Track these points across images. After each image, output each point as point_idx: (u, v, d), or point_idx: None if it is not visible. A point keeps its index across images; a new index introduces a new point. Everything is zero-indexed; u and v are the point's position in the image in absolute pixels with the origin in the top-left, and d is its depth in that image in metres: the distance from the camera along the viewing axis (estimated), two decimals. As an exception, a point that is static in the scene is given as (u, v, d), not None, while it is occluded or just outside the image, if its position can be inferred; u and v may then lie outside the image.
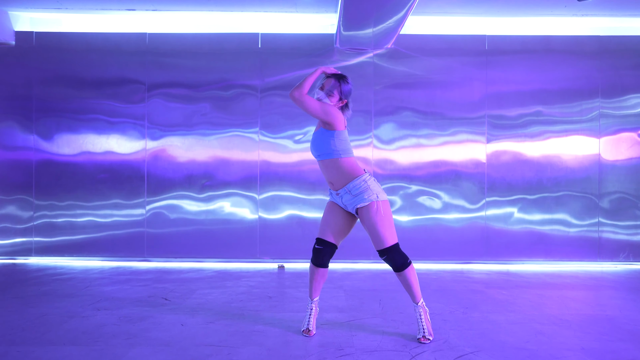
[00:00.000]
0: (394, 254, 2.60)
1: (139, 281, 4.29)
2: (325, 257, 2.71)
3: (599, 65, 5.19)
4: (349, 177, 2.62)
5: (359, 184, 2.60)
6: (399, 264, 2.61)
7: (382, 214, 2.58)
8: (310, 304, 2.84)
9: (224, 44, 5.21)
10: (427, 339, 2.65)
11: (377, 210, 2.58)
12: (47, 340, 2.66)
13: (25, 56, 5.19)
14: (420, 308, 2.70)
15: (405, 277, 2.63)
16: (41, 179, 5.21)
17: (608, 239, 5.19)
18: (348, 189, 2.62)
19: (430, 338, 2.66)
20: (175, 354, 2.46)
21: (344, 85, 2.67)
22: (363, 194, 2.59)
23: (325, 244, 2.71)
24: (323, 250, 2.70)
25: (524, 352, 2.53)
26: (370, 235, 2.62)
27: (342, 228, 2.73)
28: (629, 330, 2.93)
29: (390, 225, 2.61)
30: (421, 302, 2.71)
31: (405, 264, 2.62)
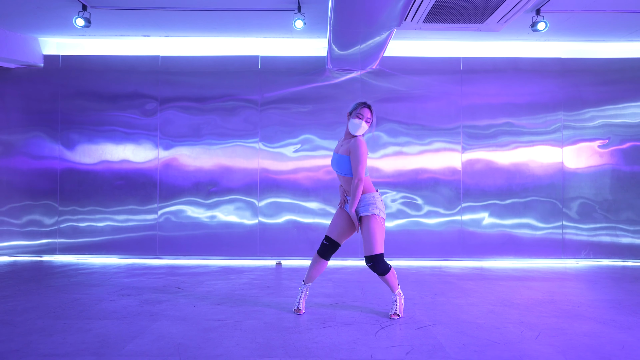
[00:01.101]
0: (378, 262, 3.14)
1: (153, 274, 4.88)
2: (329, 251, 3.30)
3: (561, 83, 5.82)
4: (364, 191, 3.21)
5: (369, 198, 3.19)
6: (380, 271, 3.20)
7: (377, 227, 3.14)
8: (303, 287, 3.44)
9: (228, 65, 5.86)
10: (397, 315, 3.25)
11: (375, 224, 3.14)
12: (84, 316, 3.26)
13: (52, 76, 5.84)
14: (397, 295, 3.34)
15: (386, 279, 3.26)
16: (65, 186, 5.83)
17: (571, 239, 5.79)
18: (359, 202, 3.20)
19: (400, 315, 3.27)
20: (191, 326, 3.06)
21: (374, 112, 3.21)
22: (369, 206, 3.16)
23: (330, 241, 3.29)
24: (328, 246, 3.29)
25: (473, 324, 3.12)
26: (364, 240, 3.16)
27: (346, 231, 3.30)
28: (566, 310, 3.53)
29: (381, 238, 3.15)
30: (397, 291, 3.34)
31: (386, 271, 3.21)
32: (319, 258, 3.34)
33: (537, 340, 2.81)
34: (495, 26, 4.10)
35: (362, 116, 3.14)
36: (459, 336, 2.87)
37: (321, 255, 3.32)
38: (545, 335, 2.91)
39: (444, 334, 2.92)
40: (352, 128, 3.17)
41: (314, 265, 3.36)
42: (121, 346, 2.65)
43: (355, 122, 3.15)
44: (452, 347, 2.68)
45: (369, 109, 3.18)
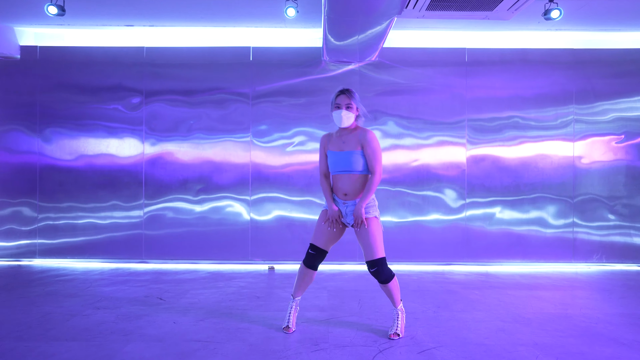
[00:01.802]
0: (383, 267, 2.86)
1: (136, 282, 4.57)
2: (317, 261, 3.00)
3: (572, 75, 5.45)
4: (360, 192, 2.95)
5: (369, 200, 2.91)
6: (383, 278, 2.89)
7: (378, 230, 2.91)
8: (292, 302, 3.12)
9: (218, 57, 5.49)
10: (397, 335, 2.93)
11: (377, 225, 2.91)
12: (51, 336, 2.95)
13: (30, 68, 5.48)
14: (399, 311, 3.03)
15: (389, 288, 2.94)
16: (45, 183, 5.50)
17: (582, 240, 5.46)
18: (355, 202, 2.92)
19: (400, 335, 2.95)
20: (166, 348, 2.74)
21: (355, 95, 2.92)
22: (369, 208, 2.91)
23: (317, 250, 2.98)
24: (316, 256, 2.98)
25: (481, 347, 2.80)
26: (365, 245, 2.88)
27: (335, 236, 3.00)
28: (583, 327, 3.21)
29: (382, 241, 2.92)
30: (400, 305, 3.03)
31: (390, 277, 2.91)
32: (306, 269, 3.02)
33: (554, 369, 2.49)
34: (506, 14, 3.73)
35: (341, 105, 2.88)
36: (466, 363, 2.55)
37: (308, 266, 3.01)
38: (564, 362, 2.59)
39: (449, 359, 2.61)
40: (337, 120, 2.92)
41: (302, 277, 3.05)
42: (84, 378, 2.34)
43: (335, 114, 2.90)
44: (459, 379, 2.36)
45: (344, 94, 2.90)
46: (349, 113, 2.87)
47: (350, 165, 2.89)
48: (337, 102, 2.89)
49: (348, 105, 2.87)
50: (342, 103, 2.87)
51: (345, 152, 2.89)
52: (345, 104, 2.87)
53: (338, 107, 2.88)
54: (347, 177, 2.92)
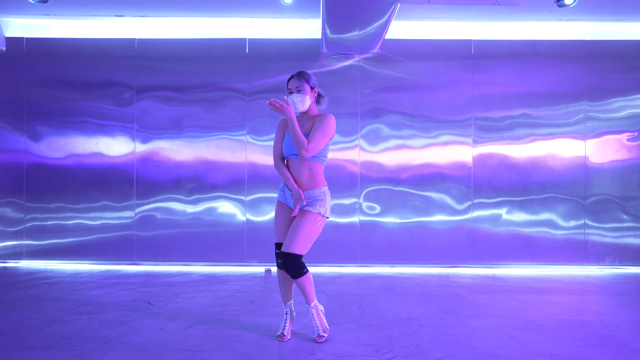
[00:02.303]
0: (291, 262, 2.64)
1: (125, 285, 4.33)
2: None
3: (584, 68, 5.20)
4: (315, 183, 2.75)
5: (319, 193, 2.73)
6: (293, 272, 2.66)
7: (314, 227, 2.68)
8: (285, 308, 2.88)
9: (212, 49, 5.26)
10: (322, 336, 2.76)
11: (314, 223, 2.68)
12: (25, 344, 2.71)
13: (16, 61, 5.25)
14: (313, 309, 2.79)
15: (300, 283, 2.70)
16: (31, 182, 5.27)
17: (594, 242, 5.21)
18: (307, 194, 2.73)
19: (325, 335, 2.77)
20: (149, 359, 2.51)
21: (306, 76, 2.76)
22: (316, 202, 2.71)
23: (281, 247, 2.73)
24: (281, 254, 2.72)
25: (493, 357, 2.56)
26: (290, 234, 2.67)
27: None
28: (602, 335, 2.96)
29: (310, 241, 2.69)
30: (314, 303, 2.79)
31: (299, 273, 2.67)
32: (282, 272, 2.79)
33: (576, 383, 2.25)
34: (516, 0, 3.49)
35: (292, 89, 2.74)
36: (477, 377, 2.31)
37: (282, 267, 2.75)
38: (586, 376, 2.34)
39: (459, 373, 2.36)
40: (293, 106, 2.69)
41: (281, 281, 2.83)
42: (53, 393, 2.10)
43: (289, 100, 2.70)
44: (471, 396, 2.11)
45: (293, 78, 2.75)
46: (299, 96, 2.70)
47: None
48: (289, 87, 2.76)
49: (298, 88, 2.71)
50: (293, 87, 2.73)
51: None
52: (295, 87, 2.72)
53: (290, 92, 2.75)
54: (299, 163, 2.73)
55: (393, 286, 4.37)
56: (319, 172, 2.75)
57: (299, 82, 2.73)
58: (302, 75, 2.75)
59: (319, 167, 2.75)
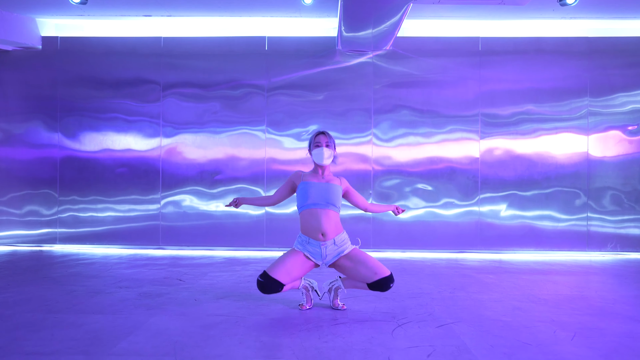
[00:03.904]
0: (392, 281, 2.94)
1: (155, 265, 4.66)
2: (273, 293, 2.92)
3: (587, 65, 5.45)
4: (339, 229, 2.99)
5: (344, 237, 3.02)
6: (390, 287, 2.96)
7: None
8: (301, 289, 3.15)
9: (233, 47, 5.57)
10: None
11: (361, 250, 2.99)
12: (77, 309, 3.03)
13: (51, 59, 5.60)
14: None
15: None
16: (65, 174, 5.62)
17: (596, 231, 5.46)
18: (334, 241, 2.95)
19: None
20: (190, 321, 2.82)
21: (331, 137, 3.02)
22: (347, 243, 2.99)
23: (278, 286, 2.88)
24: (274, 289, 2.89)
25: (499, 322, 2.84)
26: (368, 269, 2.89)
27: (299, 275, 2.98)
28: (599, 307, 3.23)
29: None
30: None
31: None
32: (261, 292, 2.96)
33: (573, 342, 2.52)
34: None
35: (321, 143, 2.97)
36: (484, 336, 2.59)
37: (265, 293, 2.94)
38: (582, 336, 2.62)
39: (468, 333, 2.65)
40: (318, 158, 2.96)
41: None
42: (113, 344, 2.42)
43: (316, 151, 2.97)
44: (479, 349, 2.40)
45: (323, 134, 3.01)
46: (329, 150, 2.94)
47: (332, 198, 2.92)
48: (317, 141, 2.96)
49: (327, 143, 2.96)
50: (322, 141, 2.96)
51: (328, 184, 2.96)
52: (325, 142, 2.96)
53: (318, 145, 2.96)
54: (325, 213, 2.91)
55: (405, 268, 4.66)
56: (339, 219, 3.02)
57: (329, 139, 2.99)
58: (330, 135, 3.02)
59: (339, 215, 3.02)
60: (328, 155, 2.94)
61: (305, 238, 2.97)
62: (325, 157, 2.93)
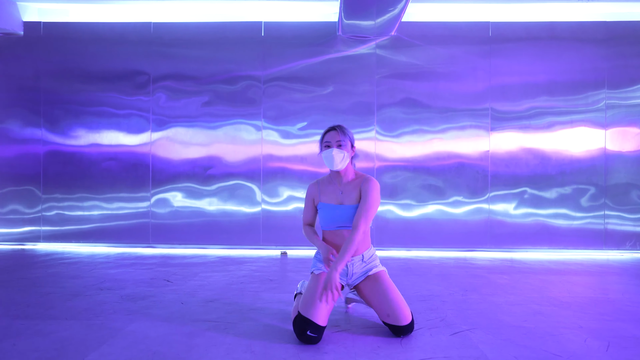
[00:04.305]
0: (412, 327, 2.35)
1: (142, 265, 4.35)
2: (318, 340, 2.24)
3: (605, 52, 5.13)
4: (367, 243, 2.51)
5: (373, 252, 2.52)
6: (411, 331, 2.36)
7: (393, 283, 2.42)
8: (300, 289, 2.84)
9: (228, 33, 5.25)
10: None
11: (389, 278, 2.45)
12: (49, 315, 2.72)
13: (33, 46, 5.28)
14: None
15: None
16: (49, 170, 5.30)
17: (614, 229, 5.14)
18: (362, 257, 2.48)
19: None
20: (173, 328, 2.50)
21: (348, 131, 2.43)
22: (375, 261, 2.51)
23: (320, 331, 2.22)
24: (317, 338, 2.23)
25: (520, 329, 2.52)
26: (387, 303, 2.32)
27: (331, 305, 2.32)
28: (630, 311, 2.91)
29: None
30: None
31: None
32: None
33: (608, 352, 2.21)
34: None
35: (331, 143, 2.37)
36: (506, 346, 2.27)
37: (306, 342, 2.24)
38: (617, 345, 2.30)
39: (487, 341, 2.33)
40: (328, 162, 2.39)
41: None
42: (81, 355, 2.10)
43: (325, 154, 2.38)
44: (502, 362, 2.08)
45: (334, 130, 2.40)
46: (341, 152, 2.35)
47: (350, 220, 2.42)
48: (326, 140, 2.38)
49: (339, 142, 2.36)
50: (332, 140, 2.37)
51: (347, 207, 2.40)
52: (336, 141, 2.36)
53: (328, 145, 2.38)
54: (349, 233, 2.38)
55: (411, 267, 4.34)
56: (367, 231, 2.49)
57: (342, 136, 2.37)
58: (344, 130, 2.41)
59: (368, 229, 2.49)
60: (340, 159, 2.36)
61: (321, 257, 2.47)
62: (337, 162, 2.36)
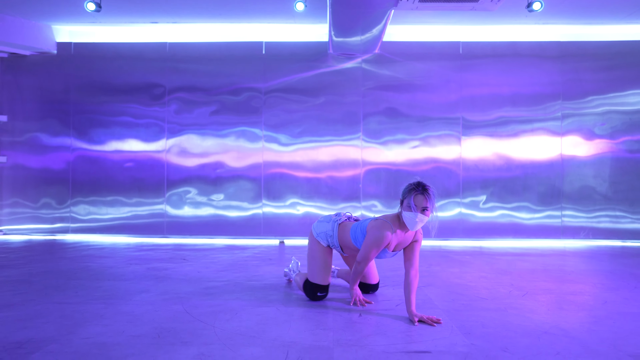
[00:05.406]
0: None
1: (160, 250, 5.07)
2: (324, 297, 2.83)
3: (560, 68, 5.89)
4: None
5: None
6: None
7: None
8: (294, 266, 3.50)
9: (233, 51, 6.04)
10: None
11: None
12: (94, 277, 3.45)
13: (65, 63, 6.07)
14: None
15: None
16: (77, 172, 6.06)
17: (570, 222, 5.86)
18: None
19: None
20: (195, 285, 3.23)
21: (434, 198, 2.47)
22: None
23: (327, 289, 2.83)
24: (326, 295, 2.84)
25: (464, 286, 3.25)
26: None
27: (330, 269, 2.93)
28: (557, 277, 3.63)
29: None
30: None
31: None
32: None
33: (524, 297, 2.93)
34: (490, 5, 4.22)
35: (418, 207, 2.43)
36: (449, 294, 3.00)
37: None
38: (533, 293, 3.03)
39: (435, 292, 3.05)
40: (409, 224, 2.49)
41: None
42: (129, 298, 2.83)
43: (409, 216, 2.46)
44: (441, 301, 2.81)
45: (423, 196, 2.44)
46: (424, 218, 2.45)
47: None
48: (415, 202, 2.43)
49: (425, 209, 2.43)
50: (420, 206, 2.42)
51: (396, 253, 2.72)
52: (423, 207, 2.42)
53: (412, 209, 2.43)
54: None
55: (390, 252, 5.06)
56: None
57: (429, 203, 2.42)
58: (432, 197, 2.45)
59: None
60: (421, 225, 2.48)
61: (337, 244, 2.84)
62: (417, 227, 2.48)
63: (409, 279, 2.48)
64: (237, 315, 2.46)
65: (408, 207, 2.45)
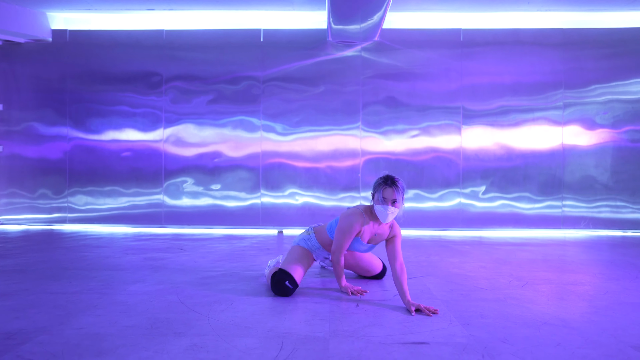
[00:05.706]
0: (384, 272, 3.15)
1: (158, 240, 5.04)
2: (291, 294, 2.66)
3: (562, 56, 5.80)
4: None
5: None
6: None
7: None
8: None
9: (231, 39, 5.94)
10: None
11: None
12: (90, 267, 3.42)
13: (60, 51, 5.98)
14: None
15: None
16: (74, 162, 6.00)
17: (570, 212, 5.82)
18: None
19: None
20: (191, 275, 3.20)
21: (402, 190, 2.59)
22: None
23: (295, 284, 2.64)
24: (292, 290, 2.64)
25: (463, 276, 3.21)
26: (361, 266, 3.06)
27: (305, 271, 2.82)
28: (557, 266, 3.60)
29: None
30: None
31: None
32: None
33: (523, 287, 2.90)
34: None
35: (387, 200, 2.55)
36: (447, 285, 2.97)
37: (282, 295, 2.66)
38: (532, 283, 2.99)
39: (434, 282, 3.02)
40: (381, 216, 2.58)
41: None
42: (123, 288, 2.80)
43: (380, 209, 2.57)
44: (439, 292, 2.78)
45: (392, 188, 2.55)
46: (396, 210, 2.57)
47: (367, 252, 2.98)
48: (385, 195, 2.54)
49: (394, 201, 2.54)
50: (389, 198, 2.54)
51: (372, 246, 2.84)
52: (392, 199, 2.53)
53: (385, 200, 2.55)
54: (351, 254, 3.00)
55: (389, 241, 5.03)
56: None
57: (398, 195, 2.54)
58: (400, 189, 2.56)
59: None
60: (392, 215, 2.57)
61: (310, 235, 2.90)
62: (389, 219, 2.58)
63: (396, 272, 2.54)
64: (232, 306, 2.43)
65: (378, 200, 2.57)
